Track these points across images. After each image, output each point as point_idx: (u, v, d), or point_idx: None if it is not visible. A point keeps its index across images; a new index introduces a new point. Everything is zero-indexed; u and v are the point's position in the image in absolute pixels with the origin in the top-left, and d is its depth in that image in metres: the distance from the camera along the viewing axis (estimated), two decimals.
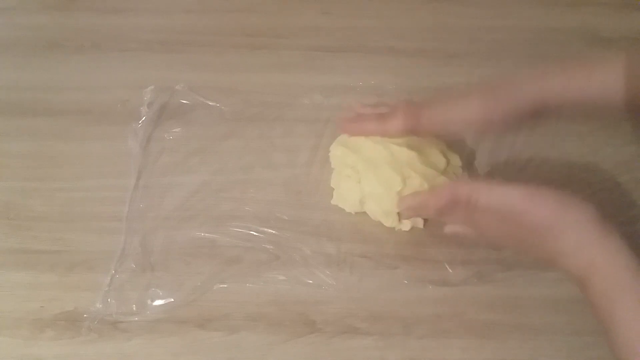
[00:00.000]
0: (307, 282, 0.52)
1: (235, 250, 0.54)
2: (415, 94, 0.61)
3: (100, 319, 0.50)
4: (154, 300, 0.51)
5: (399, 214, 0.52)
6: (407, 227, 0.53)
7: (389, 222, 0.53)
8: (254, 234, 0.54)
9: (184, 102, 0.63)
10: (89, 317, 0.50)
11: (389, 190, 0.50)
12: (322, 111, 0.62)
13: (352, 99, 0.62)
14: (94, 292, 0.51)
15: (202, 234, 0.55)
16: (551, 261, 0.41)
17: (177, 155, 0.60)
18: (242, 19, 0.71)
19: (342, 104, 0.62)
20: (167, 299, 0.51)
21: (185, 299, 0.51)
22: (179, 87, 0.64)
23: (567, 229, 0.40)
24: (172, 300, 0.51)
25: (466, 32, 0.69)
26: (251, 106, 0.63)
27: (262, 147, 0.60)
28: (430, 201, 0.47)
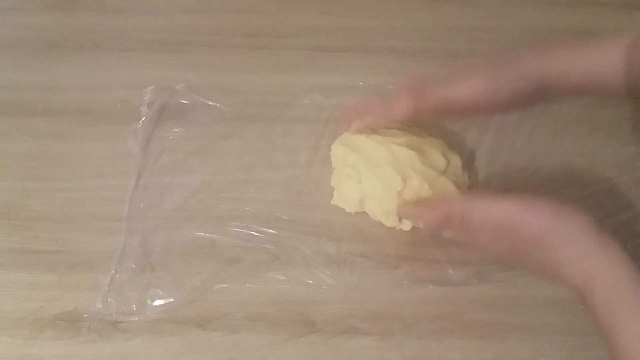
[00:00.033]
0: (307, 282, 0.52)
1: (235, 250, 0.54)
2: None
3: (100, 319, 0.50)
4: (154, 300, 0.51)
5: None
6: (408, 227, 0.53)
7: (390, 222, 0.53)
8: (254, 234, 0.54)
9: (184, 102, 0.63)
10: (89, 317, 0.50)
11: (389, 190, 0.50)
12: (322, 111, 0.62)
13: (352, 99, 0.62)
14: (94, 292, 0.51)
15: (202, 234, 0.55)
16: (550, 274, 0.40)
17: (177, 155, 0.60)
18: (242, 19, 0.70)
19: (342, 104, 0.62)
20: (167, 299, 0.51)
21: (185, 299, 0.51)
22: (179, 87, 0.64)
23: (564, 240, 0.39)
24: (172, 300, 0.51)
25: (466, 32, 0.69)
26: (251, 106, 0.63)
27: (262, 147, 0.60)
28: (425, 217, 0.46)
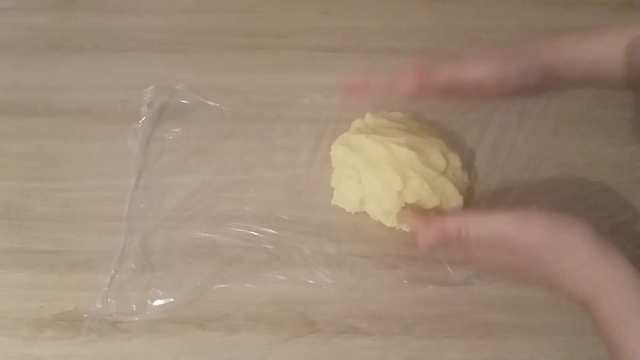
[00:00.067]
0: (307, 282, 0.52)
1: (235, 250, 0.54)
2: None
3: (100, 319, 0.50)
4: (154, 300, 0.51)
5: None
6: (408, 227, 0.53)
7: (390, 222, 0.53)
8: (254, 234, 0.54)
9: (184, 102, 0.63)
10: (89, 317, 0.50)
11: (389, 190, 0.50)
12: (322, 111, 0.62)
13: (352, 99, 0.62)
14: (94, 292, 0.51)
15: (202, 234, 0.55)
16: (551, 287, 0.39)
17: (177, 155, 0.60)
18: (242, 19, 0.70)
19: (342, 104, 0.62)
20: (167, 299, 0.51)
21: (185, 299, 0.51)
22: (179, 87, 0.64)
23: (564, 251, 0.38)
24: (172, 300, 0.51)
25: (466, 32, 0.69)
26: (251, 106, 0.63)
27: (262, 147, 0.60)
28: (419, 236, 0.43)
